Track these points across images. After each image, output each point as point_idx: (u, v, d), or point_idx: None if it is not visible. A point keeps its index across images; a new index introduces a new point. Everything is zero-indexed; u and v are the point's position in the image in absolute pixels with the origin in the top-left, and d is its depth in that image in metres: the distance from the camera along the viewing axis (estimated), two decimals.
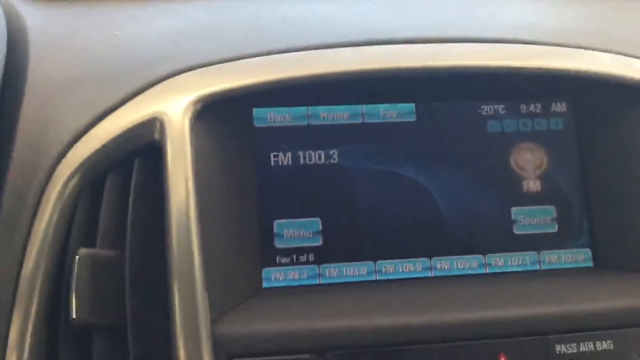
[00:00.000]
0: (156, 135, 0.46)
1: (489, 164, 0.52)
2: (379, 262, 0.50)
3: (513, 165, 0.52)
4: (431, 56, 0.49)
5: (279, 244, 0.50)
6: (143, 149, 0.46)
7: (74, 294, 0.42)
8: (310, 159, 0.51)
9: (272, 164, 0.51)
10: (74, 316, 0.42)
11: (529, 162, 0.53)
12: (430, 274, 0.50)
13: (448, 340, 0.41)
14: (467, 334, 0.41)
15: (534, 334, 0.41)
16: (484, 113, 0.53)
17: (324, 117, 0.52)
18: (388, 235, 0.51)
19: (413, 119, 0.52)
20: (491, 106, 0.53)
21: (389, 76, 0.49)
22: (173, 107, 0.46)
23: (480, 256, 0.51)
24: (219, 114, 0.48)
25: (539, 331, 0.41)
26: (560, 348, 0.41)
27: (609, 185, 0.51)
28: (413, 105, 0.53)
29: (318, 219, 0.50)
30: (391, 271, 0.50)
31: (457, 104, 0.53)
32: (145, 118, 0.46)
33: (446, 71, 0.49)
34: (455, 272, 0.50)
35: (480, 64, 0.49)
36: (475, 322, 0.41)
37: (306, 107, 0.52)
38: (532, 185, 0.52)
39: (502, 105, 0.53)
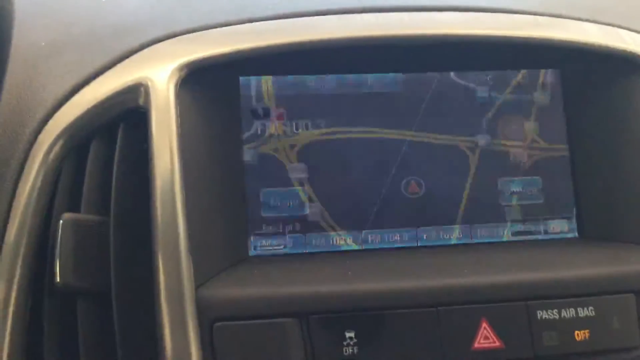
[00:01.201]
0: (141, 101, 0.45)
1: (476, 134, 0.52)
2: (364, 231, 0.50)
3: (500, 135, 0.52)
4: (419, 24, 0.49)
5: (265, 213, 0.50)
6: (127, 114, 0.46)
7: (57, 258, 0.42)
8: (296, 128, 0.51)
9: (259, 132, 0.51)
10: (58, 280, 0.42)
11: (516, 133, 0.53)
12: (416, 243, 0.50)
13: (430, 305, 0.41)
14: (449, 299, 0.41)
15: (515, 300, 0.41)
16: (471, 84, 0.52)
17: (310, 86, 0.52)
18: (375, 206, 0.51)
19: (401, 89, 0.52)
20: (479, 75, 0.52)
21: (375, 44, 0.48)
22: (158, 73, 0.46)
23: (467, 226, 0.51)
24: (204, 81, 0.48)
25: (520, 297, 0.42)
26: (542, 314, 0.42)
27: (595, 157, 0.52)
28: (401, 75, 0.52)
29: (305, 187, 0.50)
30: (377, 241, 0.50)
31: (445, 74, 0.52)
32: (130, 84, 0.46)
33: (434, 39, 0.48)
34: (441, 242, 0.50)
35: (468, 32, 0.49)
36: (457, 287, 0.41)
37: (292, 76, 0.52)
38: (519, 156, 0.52)
39: (490, 76, 0.53)
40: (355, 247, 0.50)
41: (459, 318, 0.41)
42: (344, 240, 0.50)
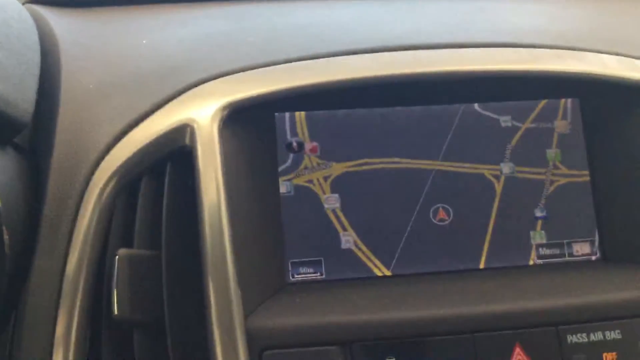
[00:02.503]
0: (187, 141, 0.48)
1: (500, 162, 0.55)
2: (396, 257, 0.53)
3: (524, 163, 0.55)
4: (445, 62, 0.52)
5: (301, 242, 0.53)
6: (174, 153, 0.49)
7: (115, 292, 0.45)
8: (329, 160, 0.54)
9: (294, 165, 0.54)
10: (116, 313, 0.45)
11: (539, 160, 0.55)
12: (445, 269, 0.53)
13: (467, 331, 0.44)
14: (485, 325, 0.44)
15: (547, 325, 0.44)
16: (494, 113, 0.55)
17: (341, 120, 0.54)
18: (405, 233, 0.53)
19: (427, 120, 0.55)
20: (502, 105, 0.55)
21: (406, 81, 0.51)
22: (202, 114, 0.49)
23: (494, 251, 0.53)
24: (243, 119, 0.51)
25: (551, 322, 0.44)
26: (572, 338, 0.44)
27: (616, 181, 0.54)
28: (428, 107, 0.55)
29: (338, 217, 0.53)
30: (408, 267, 0.53)
31: (469, 105, 0.55)
32: (176, 125, 0.49)
33: (460, 76, 0.51)
34: (469, 267, 0.53)
35: (493, 68, 0.52)
36: (493, 314, 0.44)
37: (324, 111, 0.55)
38: (542, 182, 0.55)
39: (512, 106, 0.55)
40: (387, 273, 0.53)
41: (494, 343, 0.44)
42: (376, 267, 0.53)
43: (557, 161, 0.55)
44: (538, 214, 0.54)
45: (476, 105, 0.55)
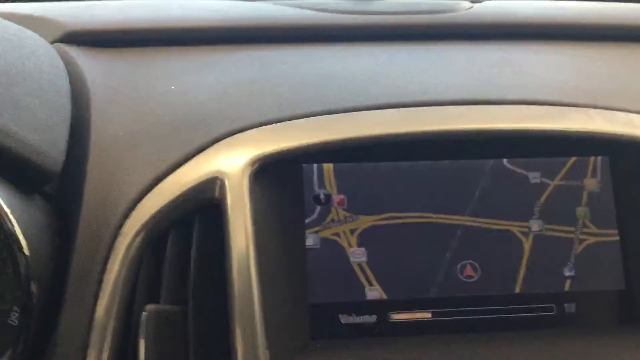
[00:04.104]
0: (217, 194, 0.48)
1: (529, 219, 0.54)
2: (421, 315, 0.52)
3: (552, 220, 0.54)
4: (476, 119, 0.52)
5: (326, 297, 0.52)
6: (203, 206, 0.49)
7: (142, 349, 0.44)
8: (356, 213, 0.54)
9: (321, 217, 0.54)
10: None
11: (568, 218, 0.55)
12: (474, 328, 0.52)
13: None
14: None
15: None
16: (523, 170, 0.55)
17: (369, 173, 0.54)
18: (431, 289, 0.53)
19: (455, 175, 0.54)
20: (531, 162, 0.55)
21: (434, 138, 0.51)
22: (232, 167, 0.49)
23: (522, 310, 0.53)
24: (271, 171, 0.51)
25: None
26: None
27: None
28: (455, 162, 0.55)
29: (364, 271, 0.53)
30: (435, 325, 0.52)
31: (497, 160, 0.55)
32: (206, 177, 0.49)
33: (490, 134, 0.51)
34: (497, 327, 0.52)
35: (522, 127, 0.52)
36: None
37: (352, 163, 0.54)
38: (571, 241, 0.54)
39: (541, 163, 0.55)
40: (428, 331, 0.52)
41: None
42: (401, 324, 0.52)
43: (587, 219, 0.55)
44: (567, 273, 0.54)
45: (505, 161, 0.55)
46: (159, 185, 0.49)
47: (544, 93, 0.55)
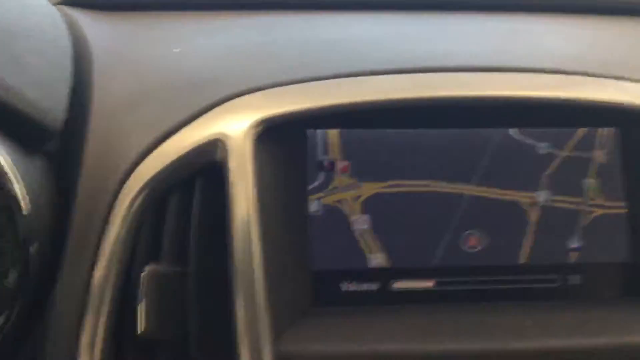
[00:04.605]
0: (218, 156, 0.47)
1: (535, 190, 0.53)
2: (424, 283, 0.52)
3: (559, 192, 0.54)
4: (486, 86, 0.51)
5: (328, 264, 0.51)
6: (204, 168, 0.48)
7: (141, 310, 0.44)
8: (360, 180, 0.53)
9: (324, 184, 0.53)
10: (141, 330, 0.44)
11: (575, 190, 0.54)
12: (475, 298, 0.51)
13: None
14: None
15: None
16: (531, 140, 0.54)
17: (374, 140, 0.53)
18: (434, 259, 0.52)
19: (462, 144, 0.54)
20: (539, 132, 0.54)
21: (443, 104, 0.50)
22: (235, 129, 0.48)
23: (525, 281, 0.52)
24: (275, 135, 0.50)
25: None
26: None
27: None
28: (462, 130, 0.54)
29: (367, 239, 0.52)
30: (436, 294, 0.52)
31: (505, 130, 0.54)
32: (209, 139, 0.48)
33: (499, 101, 0.50)
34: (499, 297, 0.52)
35: (532, 94, 0.51)
36: (531, 351, 0.43)
37: (357, 130, 0.53)
38: (578, 213, 0.54)
39: (549, 133, 0.54)
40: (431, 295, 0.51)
41: None
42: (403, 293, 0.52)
43: (594, 191, 0.54)
44: (573, 245, 0.53)
45: (513, 131, 0.54)
46: (161, 147, 0.48)
47: (554, 62, 0.54)
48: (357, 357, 0.43)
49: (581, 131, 0.55)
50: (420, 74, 0.51)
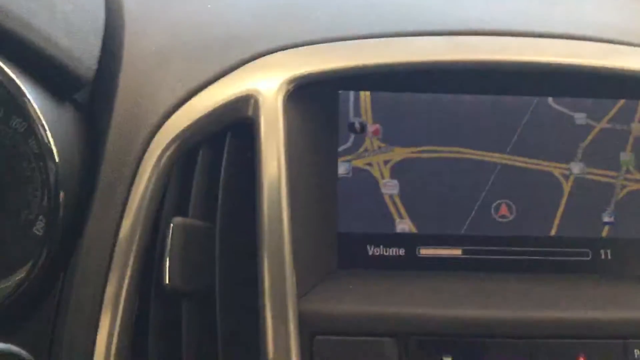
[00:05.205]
0: (249, 112, 0.47)
1: (570, 161, 0.52)
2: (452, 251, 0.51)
3: (595, 164, 0.52)
4: (525, 51, 0.49)
5: (355, 227, 0.51)
6: (235, 124, 0.48)
7: (167, 261, 0.44)
8: (391, 144, 0.52)
9: (354, 146, 0.52)
10: (167, 282, 0.44)
11: (611, 163, 0.52)
12: (504, 268, 0.51)
13: (529, 337, 0.42)
14: (548, 332, 0.42)
15: (614, 337, 0.42)
16: (568, 110, 0.52)
17: (407, 103, 0.52)
18: (464, 226, 0.51)
19: (497, 111, 0.52)
20: (577, 102, 0.52)
21: (480, 69, 0.49)
22: (267, 86, 0.47)
23: (556, 254, 0.51)
24: (307, 94, 0.49)
25: (618, 335, 0.42)
26: (639, 353, 0.42)
27: None
28: (498, 97, 0.53)
29: (395, 203, 0.51)
30: (465, 262, 0.51)
31: (542, 98, 0.52)
32: (239, 95, 0.47)
33: (539, 67, 0.49)
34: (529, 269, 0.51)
35: (574, 61, 0.49)
36: (557, 321, 0.42)
37: (390, 93, 0.52)
38: (613, 186, 0.52)
39: (588, 103, 0.53)
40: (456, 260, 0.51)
41: (557, 352, 0.42)
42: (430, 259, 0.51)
43: (631, 166, 0.53)
44: (606, 219, 0.52)
45: (550, 100, 0.53)
46: (191, 101, 0.48)
47: (596, 30, 0.52)
48: (379, 319, 0.42)
49: (620, 103, 0.53)
50: (458, 37, 0.50)
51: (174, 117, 0.47)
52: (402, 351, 0.42)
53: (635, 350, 0.42)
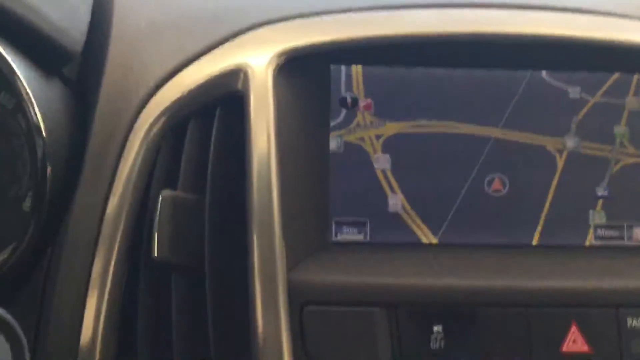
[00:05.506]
0: (239, 86, 0.46)
1: (564, 135, 0.52)
2: (444, 225, 0.51)
3: (589, 138, 0.52)
4: (518, 24, 0.49)
5: (347, 201, 0.51)
6: (224, 98, 0.47)
7: (156, 233, 0.44)
8: (383, 119, 0.52)
9: (346, 121, 0.52)
10: (155, 254, 0.43)
11: (605, 137, 0.52)
12: (495, 242, 0.50)
13: (521, 305, 0.42)
14: (541, 301, 0.42)
15: (605, 306, 0.42)
16: (562, 83, 0.52)
17: (399, 78, 0.52)
18: (456, 201, 0.51)
19: (490, 85, 0.52)
20: (571, 76, 0.52)
21: (472, 41, 0.48)
22: (257, 59, 0.47)
23: (549, 228, 0.51)
24: (298, 68, 0.49)
25: (611, 303, 0.42)
26: (632, 321, 0.42)
27: None
28: (491, 71, 0.52)
29: (388, 178, 0.51)
30: (457, 236, 0.50)
31: (536, 72, 0.52)
32: (229, 68, 0.47)
33: (532, 40, 0.48)
34: (521, 243, 0.50)
35: (567, 34, 0.49)
36: (549, 290, 0.42)
37: (382, 67, 0.52)
38: (607, 160, 0.52)
39: (584, 76, 0.52)
40: (434, 241, 0.51)
41: (549, 320, 0.41)
42: (423, 234, 0.51)
43: (625, 139, 0.52)
44: (599, 192, 0.52)
45: (544, 73, 0.52)
46: (180, 74, 0.48)
47: (591, 2, 0.52)
48: (369, 289, 0.42)
49: (615, 76, 0.53)
50: (450, 9, 0.50)
51: (162, 90, 0.47)
52: (392, 321, 0.42)
53: (627, 319, 0.42)
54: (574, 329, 0.42)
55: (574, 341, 0.41)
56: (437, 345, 0.41)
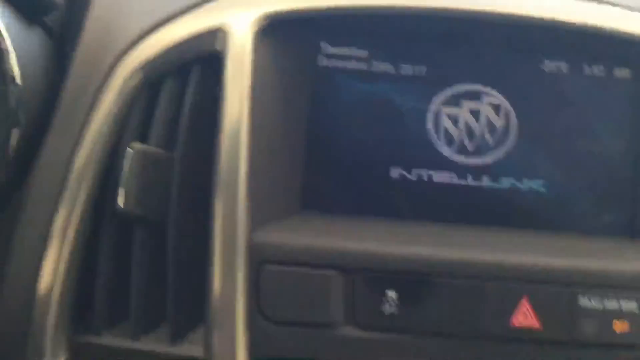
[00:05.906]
0: (218, 46, 0.46)
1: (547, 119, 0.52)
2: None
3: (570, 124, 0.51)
4: (508, 3, 0.48)
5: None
6: (203, 58, 0.47)
7: (123, 185, 0.44)
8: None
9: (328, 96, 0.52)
10: (121, 205, 0.44)
11: (586, 125, 0.52)
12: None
13: (474, 277, 0.42)
14: (494, 273, 0.42)
15: (558, 283, 0.42)
16: (546, 69, 0.52)
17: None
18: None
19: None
20: (555, 63, 0.52)
21: (463, 17, 0.47)
22: (238, 21, 0.47)
23: None
24: (284, 36, 0.49)
25: (563, 281, 0.42)
26: (584, 301, 0.42)
27: None
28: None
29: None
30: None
31: (521, 55, 0.52)
32: (210, 27, 0.47)
33: (519, 20, 0.47)
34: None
35: (554, 17, 0.48)
36: (502, 264, 0.42)
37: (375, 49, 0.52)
38: (581, 148, 0.52)
39: (565, 63, 0.52)
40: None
41: (502, 294, 0.42)
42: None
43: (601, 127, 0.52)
44: None
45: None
46: (160, 31, 0.48)
47: None
48: (326, 252, 0.42)
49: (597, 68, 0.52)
50: None
51: (141, 45, 0.47)
52: (347, 285, 0.42)
53: (579, 297, 0.42)
54: (525, 303, 0.42)
55: (525, 316, 0.42)
56: (390, 310, 0.42)
